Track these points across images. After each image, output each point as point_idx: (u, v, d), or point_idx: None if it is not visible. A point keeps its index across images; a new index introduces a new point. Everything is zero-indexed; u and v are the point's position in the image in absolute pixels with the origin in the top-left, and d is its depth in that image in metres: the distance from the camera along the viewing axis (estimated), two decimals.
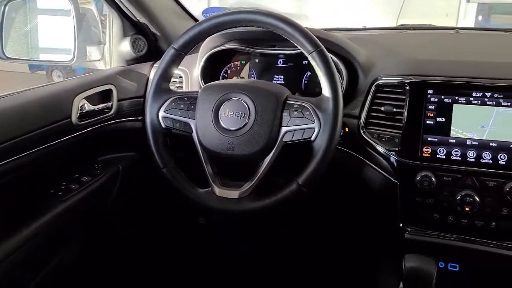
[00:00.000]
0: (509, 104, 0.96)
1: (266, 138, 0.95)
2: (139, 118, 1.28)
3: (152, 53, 1.37)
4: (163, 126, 1.02)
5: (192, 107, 1.01)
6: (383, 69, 1.10)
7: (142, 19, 1.33)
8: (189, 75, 1.29)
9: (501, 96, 0.96)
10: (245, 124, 0.96)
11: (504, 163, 0.94)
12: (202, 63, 1.23)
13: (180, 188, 1.00)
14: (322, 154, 0.91)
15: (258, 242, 1.63)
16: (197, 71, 1.24)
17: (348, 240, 1.46)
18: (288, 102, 0.97)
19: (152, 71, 1.33)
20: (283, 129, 0.95)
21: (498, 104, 0.96)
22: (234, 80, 1.23)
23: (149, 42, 1.37)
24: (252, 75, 1.27)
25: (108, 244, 1.36)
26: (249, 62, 1.28)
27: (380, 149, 1.05)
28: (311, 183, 0.92)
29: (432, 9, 4.43)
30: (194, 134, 1.01)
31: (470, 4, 4.08)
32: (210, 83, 1.05)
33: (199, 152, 1.01)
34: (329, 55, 0.95)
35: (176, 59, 1.03)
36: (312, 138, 0.93)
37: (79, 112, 1.08)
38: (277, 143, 0.95)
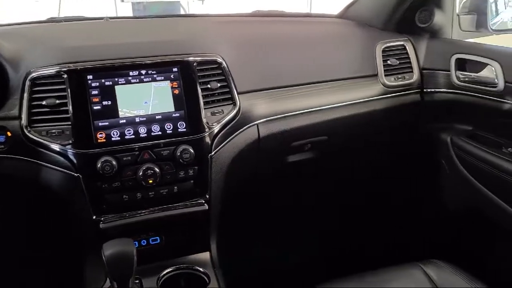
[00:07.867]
0: (162, 78, 1.04)
1: None
2: None
3: None
4: None
5: None
6: (35, 61, 1.01)
7: None
8: None
9: (155, 72, 1.04)
10: None
11: (170, 131, 1.03)
12: None
13: None
14: None
15: None
16: None
17: (54, 244, 1.32)
18: None
19: None
20: None
21: (154, 80, 1.04)
22: None
23: None
24: None
25: None
26: None
27: (53, 146, 0.97)
28: None
29: (90, 10, 4.49)
30: None
31: (125, 3, 4.32)
32: None
33: None
34: None
35: None
36: None
37: None
38: None
